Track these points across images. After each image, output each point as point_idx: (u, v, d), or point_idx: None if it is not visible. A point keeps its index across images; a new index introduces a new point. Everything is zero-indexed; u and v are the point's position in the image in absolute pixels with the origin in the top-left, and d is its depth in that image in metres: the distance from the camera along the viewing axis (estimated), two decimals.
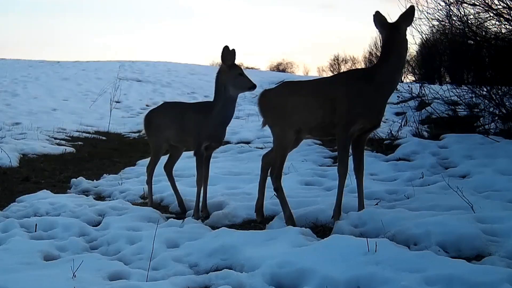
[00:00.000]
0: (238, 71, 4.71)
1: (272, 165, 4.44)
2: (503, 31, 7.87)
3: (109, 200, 5.57)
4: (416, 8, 4.38)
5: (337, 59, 58.76)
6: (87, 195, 5.81)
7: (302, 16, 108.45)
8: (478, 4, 7.54)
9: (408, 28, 4.21)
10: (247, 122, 11.92)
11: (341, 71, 56.97)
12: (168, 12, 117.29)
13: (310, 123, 4.25)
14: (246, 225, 4.50)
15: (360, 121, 4.07)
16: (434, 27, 8.93)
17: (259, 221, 4.52)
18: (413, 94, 9.10)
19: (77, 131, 11.38)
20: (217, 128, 4.78)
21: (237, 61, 4.83)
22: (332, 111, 4.12)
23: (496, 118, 7.86)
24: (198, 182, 4.83)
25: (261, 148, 8.77)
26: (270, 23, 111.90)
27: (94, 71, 24.42)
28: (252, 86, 4.72)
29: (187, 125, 4.86)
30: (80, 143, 9.97)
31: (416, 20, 8.18)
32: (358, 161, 4.29)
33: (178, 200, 5.16)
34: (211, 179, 5.18)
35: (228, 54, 4.67)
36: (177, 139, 5.01)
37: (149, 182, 5.22)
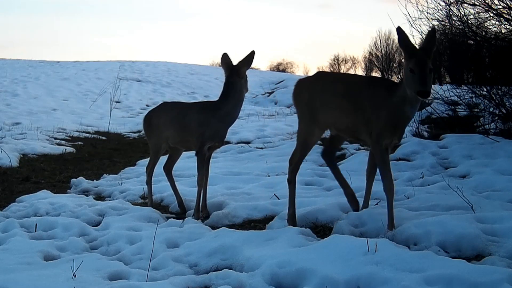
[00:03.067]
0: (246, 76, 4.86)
1: (291, 157, 4.25)
2: (503, 31, 7.88)
3: (109, 200, 5.56)
4: (416, 8, 4.31)
5: (337, 59, 58.84)
6: (87, 195, 5.81)
7: (301, 16, 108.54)
8: (478, 4, 7.54)
9: (407, 28, 4.10)
10: (247, 122, 11.93)
11: (341, 71, 57.08)
12: (168, 12, 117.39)
13: (340, 125, 3.99)
14: (246, 225, 4.50)
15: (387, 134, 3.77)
16: (434, 27, 8.92)
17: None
18: None
19: (77, 131, 11.38)
20: (221, 128, 4.79)
21: (236, 61, 4.82)
22: (365, 119, 3.80)
23: (496, 118, 7.86)
24: (199, 182, 4.81)
25: (261, 148, 8.77)
26: (270, 23, 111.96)
27: (94, 71, 24.43)
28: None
29: (189, 125, 4.83)
30: (80, 143, 9.97)
31: (416, 20, 8.20)
32: (372, 165, 4.11)
33: (178, 201, 5.16)
34: (211, 179, 5.18)
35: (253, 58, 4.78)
36: (177, 140, 4.98)
37: (148, 182, 5.21)
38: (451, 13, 7.89)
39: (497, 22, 7.81)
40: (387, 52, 49.49)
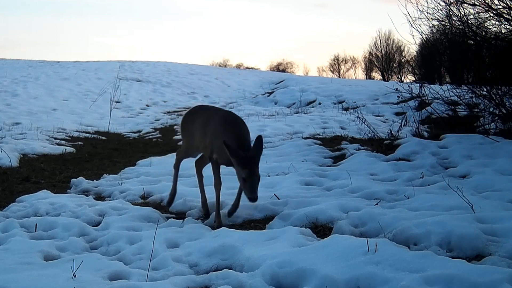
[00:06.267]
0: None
1: None
2: (503, 31, 7.87)
3: (109, 200, 5.56)
4: (416, 8, 4.24)
5: (337, 59, 58.92)
6: (87, 195, 5.81)
7: (300, 16, 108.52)
8: (478, 4, 7.54)
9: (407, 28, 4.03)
10: (247, 122, 11.91)
11: (341, 71, 57.16)
12: (168, 12, 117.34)
13: None
14: (246, 225, 4.50)
15: None
16: (434, 27, 8.93)
17: None
18: (413, 94, 9.08)
19: (77, 131, 11.38)
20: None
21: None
22: None
23: (496, 118, 7.86)
24: (215, 187, 4.58)
25: None
26: (270, 23, 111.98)
27: (94, 71, 24.43)
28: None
29: (207, 131, 4.61)
30: (80, 143, 9.97)
31: (416, 20, 8.20)
32: None
33: (202, 200, 4.88)
34: (211, 179, 5.14)
35: None
36: (202, 146, 4.72)
37: (176, 166, 5.11)
38: (451, 13, 7.89)
39: (497, 22, 7.81)
40: (387, 52, 49.56)
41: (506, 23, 7.63)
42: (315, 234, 3.88)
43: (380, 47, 50.01)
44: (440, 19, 8.25)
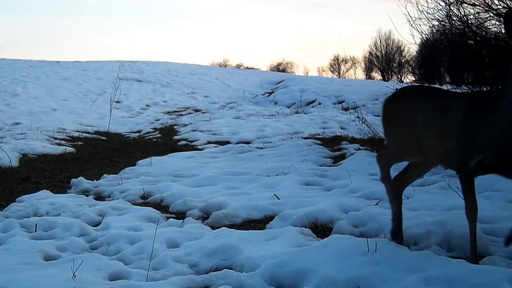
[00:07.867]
0: None
1: None
2: (503, 31, 7.87)
3: (109, 200, 5.56)
4: (416, 8, 4.21)
5: (337, 59, 58.96)
6: (87, 195, 5.80)
7: (300, 16, 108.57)
8: (478, 4, 7.55)
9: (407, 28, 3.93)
10: (247, 122, 11.92)
11: (341, 71, 57.25)
12: (168, 12, 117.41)
13: None
14: (246, 225, 4.50)
15: None
16: (434, 27, 8.94)
17: None
18: None
19: (77, 131, 11.37)
20: (500, 135, 2.85)
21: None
22: None
23: None
24: (469, 214, 3.04)
25: (261, 148, 8.76)
26: (270, 23, 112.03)
27: (94, 71, 24.43)
28: None
29: (449, 126, 3.09)
30: (80, 143, 9.97)
31: (416, 20, 8.21)
32: None
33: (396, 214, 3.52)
34: (211, 179, 5.12)
35: None
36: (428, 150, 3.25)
37: (385, 179, 3.61)
38: (451, 13, 7.90)
39: (497, 22, 7.82)
40: (387, 52, 49.57)
41: None
42: (315, 234, 3.88)
43: (380, 47, 50.03)
44: (440, 19, 8.27)
